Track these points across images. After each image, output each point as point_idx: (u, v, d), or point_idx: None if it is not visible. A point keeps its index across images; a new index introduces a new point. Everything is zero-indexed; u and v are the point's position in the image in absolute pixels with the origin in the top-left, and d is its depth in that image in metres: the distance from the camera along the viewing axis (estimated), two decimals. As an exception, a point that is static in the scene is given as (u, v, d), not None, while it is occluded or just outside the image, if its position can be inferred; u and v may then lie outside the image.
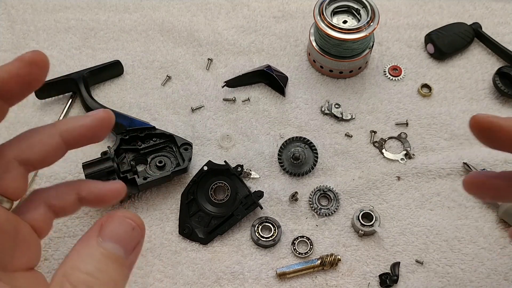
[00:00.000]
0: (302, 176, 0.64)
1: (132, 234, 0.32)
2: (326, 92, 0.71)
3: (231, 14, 0.79)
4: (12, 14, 0.78)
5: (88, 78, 0.69)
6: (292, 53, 0.75)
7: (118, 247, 0.31)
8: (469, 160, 0.64)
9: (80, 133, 0.36)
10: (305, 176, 0.64)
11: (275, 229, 0.59)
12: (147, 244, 0.59)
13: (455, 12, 0.79)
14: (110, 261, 0.30)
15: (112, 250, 0.31)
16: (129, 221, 0.32)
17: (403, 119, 0.69)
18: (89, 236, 0.31)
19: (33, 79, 0.36)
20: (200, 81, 0.72)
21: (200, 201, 0.61)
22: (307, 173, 0.64)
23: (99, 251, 0.30)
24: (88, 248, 0.30)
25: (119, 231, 0.31)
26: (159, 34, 0.77)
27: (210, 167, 0.62)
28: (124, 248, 0.31)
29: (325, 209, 0.61)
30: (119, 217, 0.32)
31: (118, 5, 0.80)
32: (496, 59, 0.74)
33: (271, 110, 0.70)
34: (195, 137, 0.67)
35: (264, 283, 0.57)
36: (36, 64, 0.35)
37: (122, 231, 0.32)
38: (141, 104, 0.70)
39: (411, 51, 0.75)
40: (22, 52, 0.77)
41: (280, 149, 0.44)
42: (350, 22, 0.69)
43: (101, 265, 0.30)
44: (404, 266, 0.58)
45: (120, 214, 0.32)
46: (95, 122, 0.37)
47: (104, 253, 0.30)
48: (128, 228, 0.32)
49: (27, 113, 0.69)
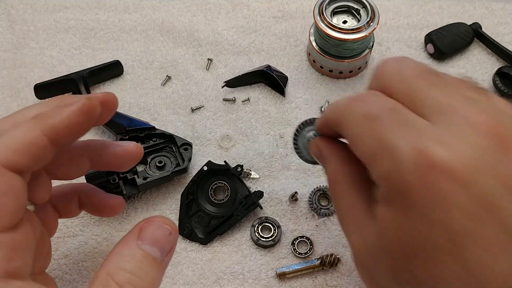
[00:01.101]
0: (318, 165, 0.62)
1: (168, 238, 0.35)
2: (326, 92, 0.71)
3: (231, 14, 0.79)
4: (12, 14, 0.78)
5: (88, 78, 0.69)
6: (292, 53, 0.75)
7: (156, 250, 0.34)
8: (469, 160, 0.64)
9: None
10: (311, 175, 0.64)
11: (275, 229, 0.59)
12: (147, 244, 0.59)
13: (455, 12, 0.79)
14: (149, 262, 0.34)
15: (151, 252, 0.34)
16: (166, 226, 0.36)
17: (403, 119, 0.69)
18: (128, 238, 0.34)
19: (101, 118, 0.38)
20: (200, 81, 0.72)
21: (200, 201, 0.61)
22: None
23: (139, 253, 0.33)
24: (129, 249, 0.33)
25: (157, 235, 0.35)
26: (159, 34, 0.77)
27: (210, 167, 0.62)
28: (161, 250, 0.34)
29: (325, 209, 0.61)
30: (158, 222, 0.35)
31: (118, 5, 0.80)
32: (496, 59, 0.74)
33: (271, 110, 0.70)
34: (195, 137, 0.67)
35: (264, 283, 0.57)
36: (105, 106, 0.38)
37: (160, 235, 0.35)
38: (141, 104, 0.70)
39: (411, 51, 0.75)
40: (22, 52, 0.78)
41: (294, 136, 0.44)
42: (350, 22, 0.69)
43: (142, 265, 0.33)
44: (404, 266, 0.58)
45: (159, 219, 0.36)
46: None
47: (143, 255, 0.33)
48: (166, 232, 0.35)
49: (27, 113, 0.69)
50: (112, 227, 0.60)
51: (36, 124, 0.34)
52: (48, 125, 0.34)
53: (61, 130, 0.35)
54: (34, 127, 0.34)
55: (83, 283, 0.56)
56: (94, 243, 0.59)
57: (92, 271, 0.57)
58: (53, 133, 0.34)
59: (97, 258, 0.58)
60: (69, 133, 0.36)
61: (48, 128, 0.34)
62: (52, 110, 0.35)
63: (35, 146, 0.34)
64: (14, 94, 0.71)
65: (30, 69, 0.73)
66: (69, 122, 0.35)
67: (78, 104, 0.35)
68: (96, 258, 0.58)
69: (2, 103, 0.70)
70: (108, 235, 0.59)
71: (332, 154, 0.39)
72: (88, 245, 0.59)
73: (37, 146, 0.34)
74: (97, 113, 0.37)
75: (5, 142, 0.33)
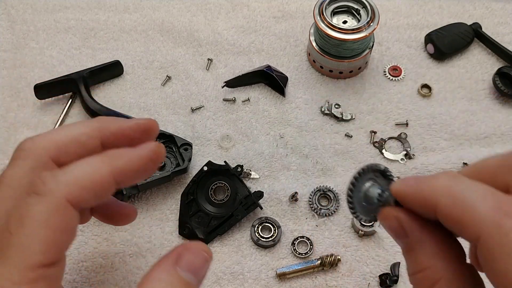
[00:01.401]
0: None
1: (204, 265, 0.36)
2: (326, 92, 0.71)
3: (231, 14, 0.79)
4: (12, 14, 0.78)
5: (88, 78, 0.69)
6: (292, 53, 0.75)
7: (192, 277, 0.35)
8: (469, 160, 0.64)
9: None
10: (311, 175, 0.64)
11: (275, 230, 0.59)
12: (147, 245, 0.59)
13: (455, 12, 0.79)
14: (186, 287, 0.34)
15: (188, 279, 0.34)
16: (204, 254, 0.36)
17: (403, 119, 0.69)
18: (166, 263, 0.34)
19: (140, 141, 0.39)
20: (200, 81, 0.72)
21: (200, 201, 0.61)
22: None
23: (177, 279, 0.34)
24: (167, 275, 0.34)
25: (195, 263, 0.35)
26: (159, 34, 0.77)
27: (210, 167, 0.62)
28: (197, 277, 0.35)
29: (325, 209, 0.61)
30: (196, 250, 0.36)
31: (118, 5, 0.80)
32: (496, 59, 0.74)
33: (271, 110, 0.70)
34: (195, 137, 0.67)
35: (264, 284, 0.57)
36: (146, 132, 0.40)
37: (197, 263, 0.35)
38: (141, 104, 0.70)
39: (411, 51, 0.75)
40: (22, 52, 0.78)
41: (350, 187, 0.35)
42: (350, 22, 0.69)
43: None
44: (404, 266, 0.58)
45: (198, 247, 0.36)
46: None
47: (181, 281, 0.34)
48: (203, 260, 0.36)
49: (27, 113, 0.69)
50: (112, 227, 0.60)
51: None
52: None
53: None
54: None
55: (83, 283, 0.56)
56: (94, 243, 0.59)
57: (92, 271, 0.57)
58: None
59: (97, 258, 0.58)
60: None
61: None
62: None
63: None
64: (14, 94, 0.71)
65: (30, 69, 0.73)
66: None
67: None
68: (96, 258, 0.58)
69: (2, 103, 0.70)
70: (108, 235, 0.59)
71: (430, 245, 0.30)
72: (88, 245, 0.59)
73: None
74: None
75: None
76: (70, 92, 0.70)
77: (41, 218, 0.31)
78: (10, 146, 0.66)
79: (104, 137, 0.38)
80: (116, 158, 0.35)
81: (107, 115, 0.65)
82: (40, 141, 0.37)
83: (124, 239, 0.59)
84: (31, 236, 0.31)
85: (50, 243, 0.32)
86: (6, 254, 0.31)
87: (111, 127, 0.39)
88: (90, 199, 0.34)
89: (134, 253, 0.59)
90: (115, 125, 0.39)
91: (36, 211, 0.31)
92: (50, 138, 0.37)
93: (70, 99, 0.70)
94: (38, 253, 0.31)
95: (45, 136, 0.37)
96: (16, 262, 0.30)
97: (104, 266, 0.58)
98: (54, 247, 0.32)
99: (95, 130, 0.38)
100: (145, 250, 0.59)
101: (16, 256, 0.31)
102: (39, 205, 0.32)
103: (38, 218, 0.31)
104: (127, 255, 0.58)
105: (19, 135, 0.67)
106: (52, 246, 0.32)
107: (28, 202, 0.32)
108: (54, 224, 0.32)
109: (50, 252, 0.32)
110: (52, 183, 0.32)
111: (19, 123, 0.68)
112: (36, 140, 0.37)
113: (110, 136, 0.38)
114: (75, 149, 0.37)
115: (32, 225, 0.31)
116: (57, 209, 0.32)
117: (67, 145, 0.37)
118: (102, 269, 0.57)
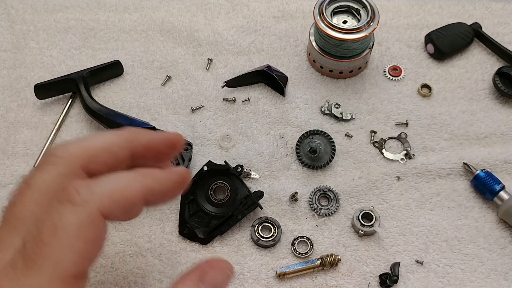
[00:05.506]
0: (317, 170, 0.64)
1: (226, 282, 0.37)
2: (326, 92, 0.71)
3: (231, 14, 0.79)
4: (12, 14, 0.78)
5: (88, 78, 0.69)
6: (292, 53, 0.75)
7: None
8: (469, 160, 0.64)
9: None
10: (318, 170, 0.64)
11: (275, 229, 0.59)
12: (147, 245, 0.59)
13: (455, 12, 0.79)
14: None
15: None
16: (227, 272, 0.37)
17: (403, 119, 0.69)
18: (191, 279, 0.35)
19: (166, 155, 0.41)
20: (200, 81, 0.72)
21: (200, 201, 0.61)
22: (324, 166, 0.64)
23: None
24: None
25: (219, 280, 0.36)
26: (159, 34, 0.77)
27: (210, 167, 0.62)
28: None
29: (325, 209, 0.61)
30: (220, 267, 0.37)
31: (118, 5, 0.80)
32: (496, 59, 0.74)
33: (271, 110, 0.70)
34: (195, 137, 0.67)
35: (264, 283, 0.57)
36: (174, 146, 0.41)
37: (221, 280, 0.36)
38: (141, 104, 0.70)
39: (411, 51, 0.75)
40: (22, 52, 0.78)
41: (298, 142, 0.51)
42: (350, 22, 0.69)
43: None
44: (404, 266, 0.58)
45: (222, 264, 0.37)
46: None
47: None
48: (226, 278, 0.36)
49: (27, 113, 0.69)
50: (112, 227, 0.60)
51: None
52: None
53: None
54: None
55: (83, 283, 0.56)
56: (94, 243, 0.59)
57: (92, 271, 0.57)
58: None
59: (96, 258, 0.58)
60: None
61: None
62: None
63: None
64: (14, 94, 0.71)
65: (30, 69, 0.73)
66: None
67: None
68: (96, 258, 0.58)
69: (2, 103, 0.70)
70: (108, 235, 0.59)
71: None
72: (88, 245, 0.59)
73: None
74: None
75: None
76: (70, 92, 0.70)
77: (75, 228, 0.31)
78: (10, 146, 0.66)
79: (134, 148, 0.38)
80: (148, 177, 0.35)
81: (107, 115, 0.65)
82: (72, 149, 0.36)
83: (124, 239, 0.60)
84: (65, 246, 0.30)
85: (82, 254, 0.31)
86: (38, 263, 0.30)
87: (142, 139, 0.39)
88: (120, 214, 0.33)
89: (134, 253, 0.59)
90: (145, 137, 0.39)
91: (69, 220, 0.31)
92: (82, 146, 0.36)
93: (70, 99, 0.70)
94: (70, 264, 0.30)
95: (77, 144, 0.37)
96: (48, 273, 0.30)
97: (104, 266, 0.58)
98: (85, 259, 0.32)
99: (126, 141, 0.38)
100: (145, 250, 0.59)
101: (49, 266, 0.30)
102: (72, 215, 0.31)
103: (71, 228, 0.31)
104: (127, 255, 0.58)
105: (19, 135, 0.67)
106: (84, 258, 0.32)
107: (61, 211, 0.31)
108: (87, 235, 0.31)
109: (81, 264, 0.31)
110: (87, 194, 0.32)
111: (19, 123, 0.68)
112: (69, 147, 0.36)
113: (140, 148, 0.38)
114: (105, 158, 0.36)
115: (66, 235, 0.31)
116: (91, 220, 0.31)
117: (98, 154, 0.36)
118: (102, 269, 0.57)
